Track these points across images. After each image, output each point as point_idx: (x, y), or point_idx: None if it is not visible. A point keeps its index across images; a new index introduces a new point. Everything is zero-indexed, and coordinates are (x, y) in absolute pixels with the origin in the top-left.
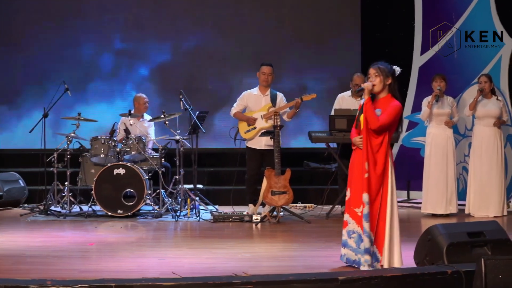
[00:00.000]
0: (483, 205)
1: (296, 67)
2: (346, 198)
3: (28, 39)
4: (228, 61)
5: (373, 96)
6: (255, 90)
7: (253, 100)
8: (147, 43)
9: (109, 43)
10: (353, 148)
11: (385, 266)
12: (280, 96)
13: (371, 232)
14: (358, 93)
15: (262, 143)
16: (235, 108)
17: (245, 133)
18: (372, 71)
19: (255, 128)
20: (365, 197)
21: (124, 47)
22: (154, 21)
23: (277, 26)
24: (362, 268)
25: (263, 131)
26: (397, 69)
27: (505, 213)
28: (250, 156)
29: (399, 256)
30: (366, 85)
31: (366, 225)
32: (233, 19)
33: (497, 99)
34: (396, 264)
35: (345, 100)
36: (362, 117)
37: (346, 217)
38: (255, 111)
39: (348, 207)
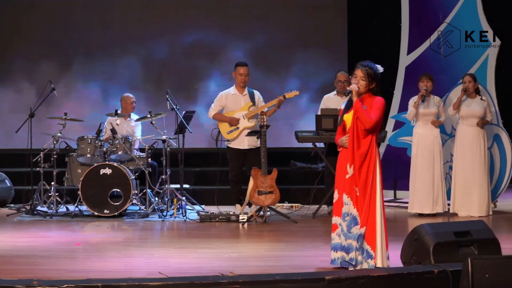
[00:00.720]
0: (467, 205)
1: (282, 66)
2: (334, 200)
3: (14, 37)
4: (215, 60)
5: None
6: (232, 90)
7: (232, 100)
8: (139, 42)
9: (99, 41)
10: (339, 149)
11: (379, 265)
12: (257, 94)
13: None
14: (347, 95)
15: (245, 143)
16: (213, 109)
17: (227, 133)
18: (359, 73)
19: (238, 128)
20: (345, 197)
21: (114, 45)
22: (146, 20)
23: (263, 25)
24: (351, 254)
25: (249, 131)
26: (380, 69)
27: (490, 212)
28: (232, 156)
29: (386, 255)
30: (353, 87)
31: (343, 224)
32: (219, 20)
33: (481, 99)
34: (386, 263)
35: (330, 100)
36: (347, 117)
37: (335, 219)
38: (235, 111)
39: (338, 209)
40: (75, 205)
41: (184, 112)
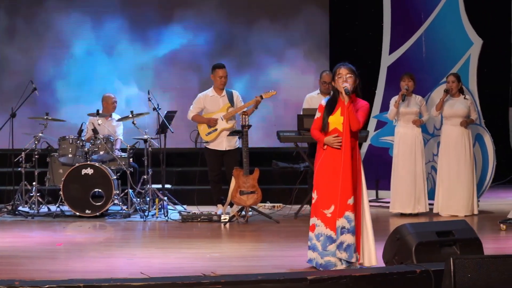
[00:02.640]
0: (452, 205)
1: (263, 64)
2: (313, 201)
3: None
4: (196, 58)
5: (336, 96)
6: (210, 92)
7: (210, 102)
8: (120, 41)
9: (82, 41)
10: (323, 148)
11: (366, 264)
12: (236, 94)
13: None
14: (348, 94)
15: (223, 144)
16: (192, 111)
17: (206, 135)
18: (344, 71)
19: (216, 130)
20: (315, 220)
21: (97, 46)
22: (131, 20)
23: (246, 24)
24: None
25: (228, 132)
26: None
27: (476, 212)
28: (210, 157)
29: (375, 254)
30: (345, 86)
31: (318, 244)
32: (200, 20)
33: (464, 98)
34: (375, 262)
35: (313, 100)
36: (332, 119)
37: (314, 220)
38: (213, 112)
39: (316, 210)
40: (57, 205)
41: (166, 112)
